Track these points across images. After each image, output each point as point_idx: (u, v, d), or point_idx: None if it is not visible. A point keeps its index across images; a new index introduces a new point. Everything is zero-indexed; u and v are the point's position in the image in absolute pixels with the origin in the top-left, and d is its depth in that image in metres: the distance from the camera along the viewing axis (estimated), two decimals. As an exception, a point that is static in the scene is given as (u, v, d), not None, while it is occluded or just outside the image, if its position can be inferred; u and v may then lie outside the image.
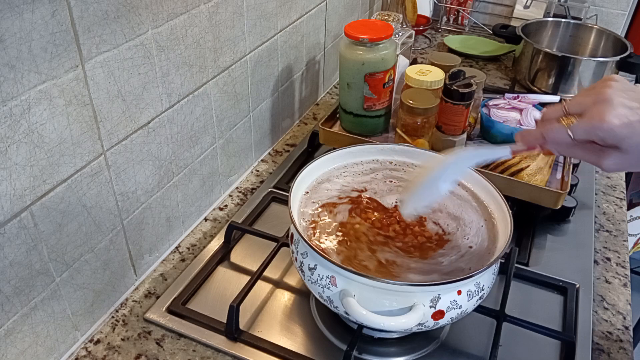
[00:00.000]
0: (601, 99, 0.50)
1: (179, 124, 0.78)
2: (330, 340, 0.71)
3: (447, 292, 0.60)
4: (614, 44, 1.33)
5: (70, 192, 0.62)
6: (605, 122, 0.49)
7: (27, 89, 0.53)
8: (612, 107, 0.49)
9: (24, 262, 0.58)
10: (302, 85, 1.17)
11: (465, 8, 1.65)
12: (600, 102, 0.50)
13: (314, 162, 0.75)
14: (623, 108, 0.49)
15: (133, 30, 0.64)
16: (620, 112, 0.49)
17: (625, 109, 0.49)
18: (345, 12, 1.29)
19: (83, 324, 0.70)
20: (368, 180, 0.76)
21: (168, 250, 0.84)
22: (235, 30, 0.85)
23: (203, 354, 0.70)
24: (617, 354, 0.72)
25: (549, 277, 0.81)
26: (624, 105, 0.49)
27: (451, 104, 0.91)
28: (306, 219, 0.69)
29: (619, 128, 0.49)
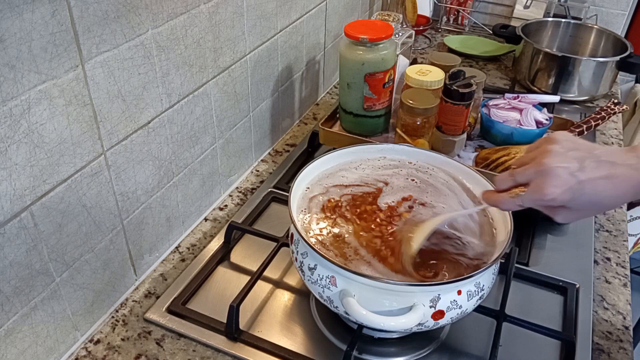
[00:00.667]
0: (541, 171, 0.55)
1: (179, 124, 0.78)
2: (330, 340, 0.71)
3: (447, 292, 0.60)
4: (614, 44, 1.33)
5: (70, 192, 0.62)
6: (546, 194, 0.54)
7: (27, 89, 0.53)
8: (551, 178, 0.54)
9: (24, 262, 0.58)
10: (302, 85, 1.17)
11: (465, 8, 1.65)
12: (540, 175, 0.55)
13: (314, 162, 0.75)
14: (562, 176, 0.53)
15: (133, 30, 0.64)
16: (559, 182, 0.53)
17: (565, 176, 0.53)
18: (345, 12, 1.29)
19: (83, 324, 0.70)
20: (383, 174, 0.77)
21: (168, 250, 0.84)
22: (235, 30, 0.85)
23: (203, 354, 0.70)
24: (617, 354, 0.72)
25: (549, 277, 0.81)
26: (562, 173, 0.53)
27: (451, 104, 0.91)
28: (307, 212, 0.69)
29: (560, 196, 0.54)
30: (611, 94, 1.35)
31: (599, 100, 1.32)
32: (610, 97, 1.34)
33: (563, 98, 1.25)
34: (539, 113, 1.00)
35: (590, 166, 0.53)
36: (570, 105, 1.29)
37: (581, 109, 1.29)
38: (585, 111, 1.27)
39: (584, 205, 0.55)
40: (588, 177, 0.53)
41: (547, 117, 1.00)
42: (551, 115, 1.01)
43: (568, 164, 0.54)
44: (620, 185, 0.53)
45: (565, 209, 0.56)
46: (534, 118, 0.98)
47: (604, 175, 0.53)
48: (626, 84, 1.73)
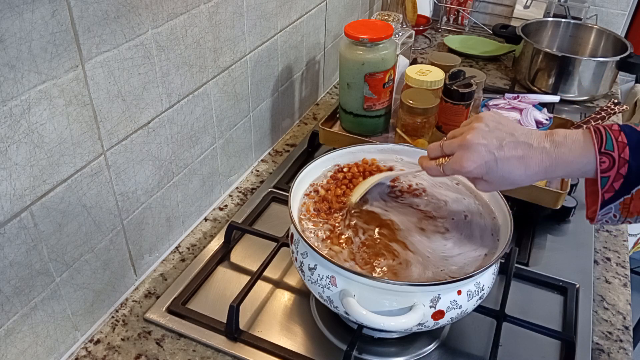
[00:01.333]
0: (463, 145, 0.60)
1: (179, 124, 0.78)
2: (330, 340, 0.71)
3: (447, 292, 0.60)
4: (614, 44, 1.33)
5: (70, 192, 0.62)
6: (463, 167, 0.60)
7: (27, 89, 0.53)
8: (470, 153, 0.59)
9: (24, 262, 0.58)
10: (302, 85, 1.17)
11: (465, 8, 1.65)
12: (462, 149, 0.60)
13: (314, 162, 0.75)
14: (480, 152, 0.59)
15: (133, 30, 0.64)
16: (477, 157, 0.59)
17: (481, 153, 0.59)
18: (345, 12, 1.29)
19: (83, 324, 0.70)
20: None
21: (168, 250, 0.84)
22: (235, 30, 0.85)
23: (203, 354, 0.70)
24: (617, 354, 0.72)
25: (549, 277, 0.81)
26: (481, 150, 0.59)
27: (451, 104, 0.91)
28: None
29: (475, 170, 0.60)
30: (611, 94, 1.35)
31: (599, 100, 1.32)
32: (610, 97, 1.34)
33: (563, 98, 1.25)
34: (539, 113, 1.00)
35: (508, 146, 0.59)
36: (570, 105, 1.29)
37: (581, 109, 1.29)
38: (585, 111, 1.27)
39: (497, 179, 0.60)
40: (504, 156, 0.58)
41: (547, 117, 1.00)
42: (551, 115, 1.01)
43: (488, 142, 0.59)
44: (532, 167, 0.58)
45: (483, 180, 0.62)
46: (534, 118, 0.98)
47: (519, 155, 0.58)
48: (626, 84, 1.73)
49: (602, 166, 0.56)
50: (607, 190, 0.57)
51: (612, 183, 0.56)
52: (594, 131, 0.57)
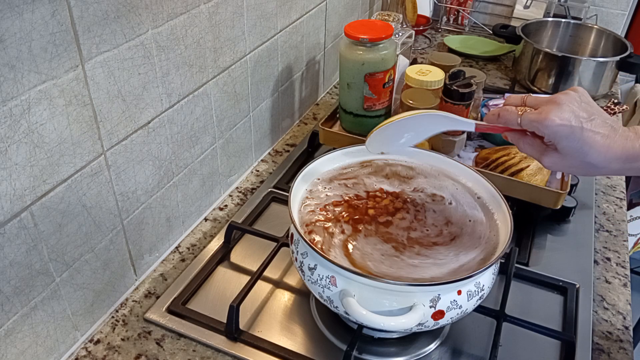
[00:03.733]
0: (553, 100, 0.57)
1: (179, 124, 0.78)
2: (330, 340, 0.71)
3: (447, 292, 0.60)
4: (614, 44, 1.33)
5: (70, 192, 0.62)
6: (547, 119, 0.56)
7: (27, 89, 0.53)
8: (559, 109, 0.56)
9: (24, 262, 0.58)
10: (302, 85, 1.17)
11: (465, 8, 1.65)
12: (551, 102, 0.57)
13: (314, 162, 0.75)
14: (569, 113, 0.55)
15: (133, 30, 0.64)
16: (564, 115, 0.55)
17: (570, 114, 0.55)
18: (345, 12, 1.29)
19: (83, 324, 0.70)
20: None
21: (168, 250, 0.84)
22: (235, 30, 0.85)
23: (203, 354, 0.70)
24: (617, 354, 0.72)
25: (549, 277, 0.81)
26: (571, 111, 0.56)
27: (451, 104, 0.91)
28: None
29: (557, 127, 0.55)
30: (611, 94, 1.35)
31: (599, 100, 1.32)
32: (610, 97, 1.34)
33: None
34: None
35: (596, 121, 0.56)
36: (570, 105, 1.29)
37: (581, 109, 1.29)
38: (585, 111, 1.27)
39: (574, 151, 0.57)
40: (590, 128, 0.56)
41: (547, 117, 1.00)
42: (551, 115, 1.01)
43: (579, 110, 0.56)
44: (614, 149, 0.56)
45: (556, 152, 0.58)
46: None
47: (604, 133, 0.56)
48: (626, 84, 1.73)
49: None
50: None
51: None
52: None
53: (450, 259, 0.64)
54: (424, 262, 0.64)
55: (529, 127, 0.58)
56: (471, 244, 0.66)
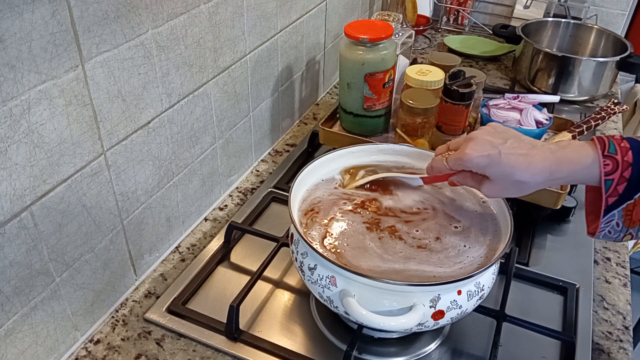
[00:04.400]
0: (469, 137, 0.62)
1: (179, 124, 0.78)
2: (330, 340, 0.71)
3: (447, 292, 0.60)
4: (614, 44, 1.33)
5: (70, 192, 0.62)
6: (465, 154, 0.61)
7: (27, 89, 0.53)
8: (474, 143, 0.61)
9: (24, 262, 0.58)
10: (302, 85, 1.17)
11: (465, 8, 1.65)
12: (467, 140, 0.62)
13: (314, 162, 0.75)
14: (483, 144, 0.60)
15: (133, 30, 0.64)
16: (480, 147, 0.60)
17: (485, 144, 0.60)
18: (345, 12, 1.29)
19: (83, 324, 0.70)
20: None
21: (168, 250, 0.84)
22: (235, 30, 0.85)
23: (203, 354, 0.70)
24: (617, 354, 0.72)
25: (549, 277, 0.81)
26: (485, 142, 0.60)
27: (451, 104, 0.91)
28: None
29: (477, 159, 0.60)
30: (611, 94, 1.35)
31: (599, 100, 1.32)
32: (610, 97, 1.34)
33: (563, 98, 1.25)
34: (539, 113, 1.00)
35: (512, 144, 0.60)
36: (570, 105, 1.29)
37: (581, 109, 1.29)
38: (585, 111, 1.27)
39: (501, 175, 0.60)
40: (507, 151, 0.60)
41: (547, 117, 1.00)
42: (551, 115, 1.01)
43: (493, 139, 0.61)
44: (535, 163, 0.59)
45: (488, 180, 0.62)
46: (534, 118, 0.98)
47: (523, 152, 0.60)
48: (626, 84, 1.73)
49: (606, 168, 0.57)
50: (610, 194, 0.57)
51: (615, 186, 0.57)
52: (597, 139, 0.59)
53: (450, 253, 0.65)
54: (420, 253, 0.65)
55: (455, 166, 0.63)
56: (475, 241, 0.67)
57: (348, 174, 0.77)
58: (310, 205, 0.71)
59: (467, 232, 0.69)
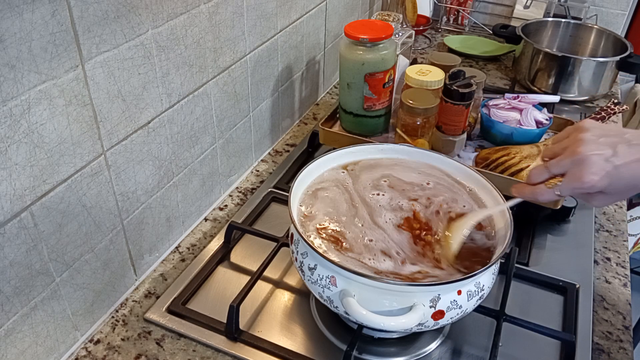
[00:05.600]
0: (578, 160, 0.56)
1: (179, 124, 0.78)
2: (330, 340, 0.71)
3: (447, 292, 0.60)
4: (614, 44, 1.33)
5: (70, 192, 0.62)
6: (585, 182, 0.56)
7: (27, 89, 0.53)
8: (589, 166, 0.55)
9: (24, 262, 0.58)
10: (302, 85, 1.17)
11: (465, 8, 1.65)
12: (576, 164, 0.56)
13: (314, 162, 0.75)
14: (598, 163, 0.55)
15: (133, 30, 0.64)
16: (597, 168, 0.55)
17: (601, 162, 0.55)
18: (345, 12, 1.29)
19: (83, 324, 0.70)
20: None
21: (168, 250, 0.84)
22: (235, 30, 0.85)
23: (203, 354, 0.70)
24: (617, 354, 0.72)
25: (549, 277, 0.81)
26: (599, 159, 0.55)
27: (451, 104, 0.91)
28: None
29: (598, 183, 0.55)
30: (611, 94, 1.35)
31: (599, 100, 1.32)
32: (610, 97, 1.34)
33: (563, 98, 1.25)
34: (539, 113, 1.00)
35: (623, 151, 0.55)
36: (570, 105, 1.29)
37: (581, 109, 1.29)
38: (585, 111, 1.27)
39: (621, 189, 0.56)
40: (623, 162, 0.55)
41: (547, 117, 1.00)
42: (551, 115, 1.01)
43: (602, 151, 0.55)
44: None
45: (602, 194, 0.58)
46: (534, 118, 0.98)
47: (638, 158, 0.55)
48: (626, 84, 1.73)
49: None
50: None
51: None
52: None
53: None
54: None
55: (570, 194, 0.59)
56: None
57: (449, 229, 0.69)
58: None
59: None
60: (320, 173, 0.76)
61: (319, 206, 0.71)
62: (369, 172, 0.77)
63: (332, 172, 0.77)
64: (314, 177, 0.75)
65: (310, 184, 0.74)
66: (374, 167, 0.78)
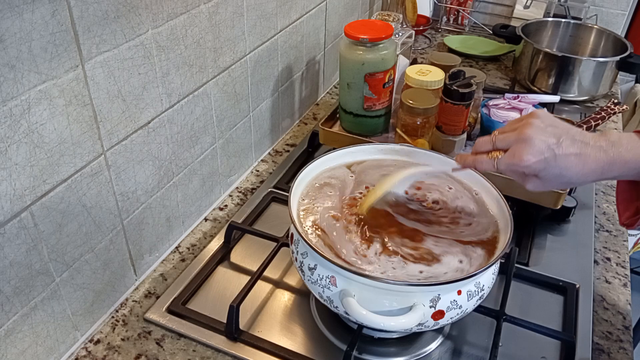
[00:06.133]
0: (522, 138, 0.59)
1: (179, 124, 0.78)
2: (330, 340, 0.71)
3: (447, 292, 0.60)
4: (614, 44, 1.33)
5: (70, 192, 0.62)
6: (523, 160, 0.58)
7: (27, 89, 0.53)
8: (530, 146, 0.58)
9: (24, 262, 0.58)
10: (302, 85, 1.17)
11: (465, 8, 1.65)
12: (520, 141, 0.59)
13: (314, 162, 0.75)
14: (539, 146, 0.58)
15: (133, 30, 0.64)
16: (536, 150, 0.58)
17: (541, 146, 0.58)
18: (345, 12, 1.29)
19: (83, 324, 0.70)
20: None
21: (168, 250, 0.84)
22: (235, 30, 0.85)
23: (203, 354, 0.70)
24: (617, 354, 0.72)
25: (549, 277, 0.81)
26: (541, 143, 0.58)
27: (451, 104, 0.91)
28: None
29: (534, 164, 0.58)
30: (611, 94, 1.35)
31: (599, 100, 1.32)
32: (610, 97, 1.34)
33: (563, 98, 1.25)
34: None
35: (566, 143, 0.58)
36: (570, 105, 1.29)
37: (581, 109, 1.29)
38: (585, 111, 1.27)
39: (553, 176, 0.59)
40: (562, 152, 0.57)
41: (547, 117, 1.00)
42: (551, 115, 1.01)
43: (547, 138, 0.58)
44: (589, 164, 0.58)
45: (536, 178, 0.60)
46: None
47: (576, 152, 0.58)
48: (626, 84, 1.73)
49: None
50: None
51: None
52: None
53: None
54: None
55: (507, 171, 0.61)
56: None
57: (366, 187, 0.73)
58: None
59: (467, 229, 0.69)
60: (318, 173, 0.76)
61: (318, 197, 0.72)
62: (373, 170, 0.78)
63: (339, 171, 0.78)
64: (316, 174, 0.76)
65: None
66: (378, 167, 0.79)
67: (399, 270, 0.62)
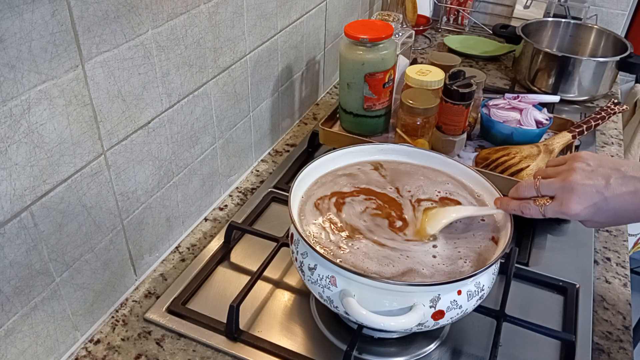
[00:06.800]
0: (567, 187, 0.58)
1: (179, 124, 0.78)
2: (330, 340, 0.71)
3: (447, 292, 0.60)
4: (614, 44, 1.33)
5: (70, 192, 0.62)
6: (570, 209, 0.57)
7: (27, 89, 0.53)
8: (577, 195, 0.57)
9: (24, 262, 0.58)
10: (302, 85, 1.17)
11: (465, 8, 1.65)
12: (566, 191, 0.58)
13: (314, 162, 0.75)
14: (587, 193, 0.56)
15: (133, 30, 0.64)
16: (584, 198, 0.56)
17: (590, 193, 0.56)
18: (345, 12, 1.29)
19: (83, 324, 0.70)
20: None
21: (168, 250, 0.84)
22: (235, 30, 0.85)
23: (203, 354, 0.70)
24: (617, 354, 0.72)
25: (549, 277, 0.81)
26: (589, 189, 0.56)
27: (451, 104, 0.91)
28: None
29: (583, 212, 0.57)
30: (611, 94, 1.35)
31: (599, 100, 1.32)
32: (610, 97, 1.34)
33: (563, 98, 1.25)
34: (539, 113, 1.00)
35: (616, 183, 0.56)
36: (570, 105, 1.29)
37: (581, 109, 1.29)
38: (585, 111, 1.27)
39: (608, 218, 0.58)
40: (614, 194, 0.56)
41: (547, 117, 1.00)
42: (551, 115, 1.01)
43: (594, 182, 0.56)
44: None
45: (591, 221, 0.59)
46: (534, 118, 0.98)
47: (631, 190, 0.56)
48: (626, 84, 1.73)
49: None
50: None
51: None
52: None
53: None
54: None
55: (554, 216, 0.60)
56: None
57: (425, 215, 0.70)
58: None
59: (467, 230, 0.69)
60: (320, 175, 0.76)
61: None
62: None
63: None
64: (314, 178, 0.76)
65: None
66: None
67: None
